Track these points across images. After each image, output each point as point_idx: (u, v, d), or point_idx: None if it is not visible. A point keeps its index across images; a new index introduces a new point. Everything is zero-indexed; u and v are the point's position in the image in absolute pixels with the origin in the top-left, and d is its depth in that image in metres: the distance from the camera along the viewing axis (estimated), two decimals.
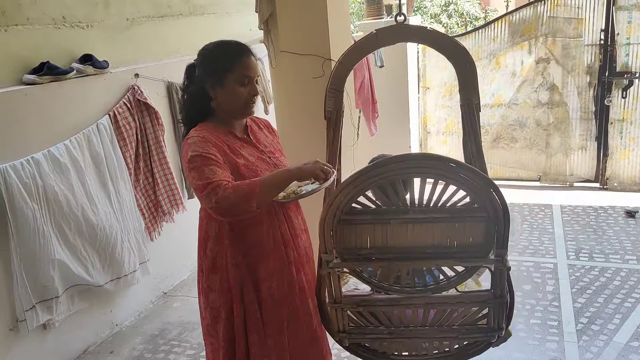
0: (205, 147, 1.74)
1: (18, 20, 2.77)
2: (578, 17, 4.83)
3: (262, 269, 1.88)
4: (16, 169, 2.54)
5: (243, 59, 1.84)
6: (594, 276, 3.41)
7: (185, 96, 1.93)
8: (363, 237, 1.67)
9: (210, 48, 1.89)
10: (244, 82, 1.84)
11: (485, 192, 1.56)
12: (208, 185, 1.65)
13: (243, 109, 1.87)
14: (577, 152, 5.13)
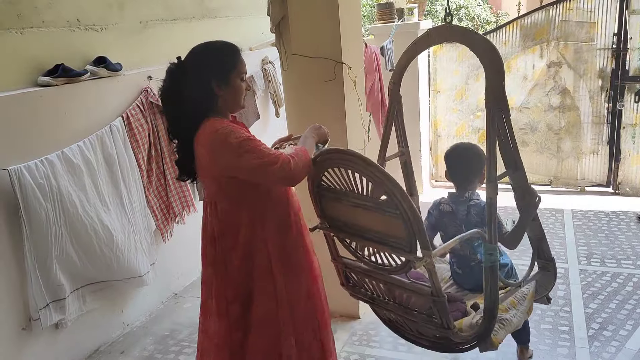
0: (244, 132, 1.91)
1: (34, 23, 2.81)
2: (590, 21, 4.80)
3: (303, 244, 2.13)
4: (30, 170, 2.57)
5: (241, 57, 2.01)
6: (605, 282, 3.38)
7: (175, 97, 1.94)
8: (334, 210, 2.00)
9: (210, 49, 1.99)
10: (243, 78, 2.00)
11: (393, 194, 1.68)
12: (278, 159, 1.84)
13: (242, 103, 2.05)
14: (589, 156, 5.10)
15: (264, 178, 1.89)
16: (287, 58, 3.02)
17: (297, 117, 3.09)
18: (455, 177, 2.42)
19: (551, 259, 2.28)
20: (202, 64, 1.94)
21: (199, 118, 1.94)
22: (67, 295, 2.76)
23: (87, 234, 2.81)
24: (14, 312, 2.63)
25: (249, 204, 2.01)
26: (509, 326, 2.05)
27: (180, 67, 1.95)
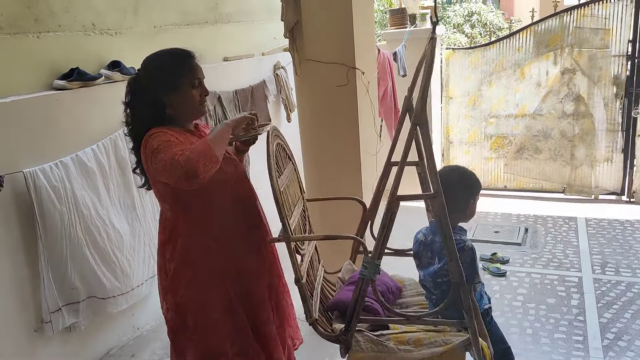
0: (170, 137, 1.84)
1: (50, 27, 2.84)
2: (605, 28, 4.77)
3: (239, 250, 2.01)
4: (45, 172, 2.59)
5: (192, 63, 1.95)
6: (620, 291, 3.33)
7: (133, 109, 1.96)
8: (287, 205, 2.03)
9: (158, 57, 1.97)
10: (195, 85, 1.94)
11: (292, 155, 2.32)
12: (171, 158, 1.73)
13: (198, 110, 1.98)
14: (603, 164, 5.04)
15: (168, 179, 1.80)
16: (300, 63, 3.03)
17: (310, 122, 3.09)
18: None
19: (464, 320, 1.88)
20: (149, 74, 1.94)
21: (148, 126, 1.91)
22: (81, 300, 2.76)
23: (100, 236, 2.82)
24: (26, 314, 2.64)
25: (186, 210, 1.95)
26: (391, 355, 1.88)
27: (136, 78, 1.98)
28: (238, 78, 4.12)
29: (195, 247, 1.96)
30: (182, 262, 1.96)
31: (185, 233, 1.96)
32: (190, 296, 1.98)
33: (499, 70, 5.22)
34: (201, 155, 1.73)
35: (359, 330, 1.94)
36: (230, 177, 2.01)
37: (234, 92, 4.01)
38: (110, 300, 2.91)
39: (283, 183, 2.09)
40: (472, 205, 2.10)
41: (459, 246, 1.92)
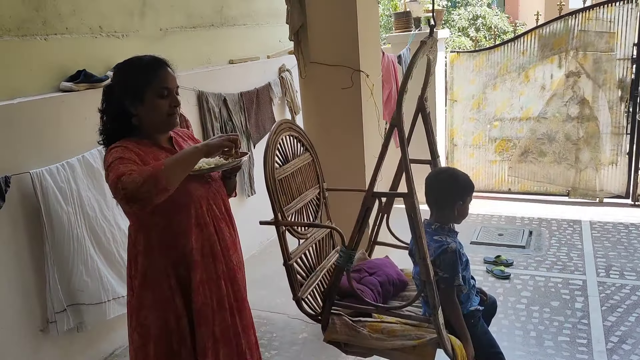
0: (126, 153, 1.73)
1: (57, 30, 2.87)
2: (610, 31, 4.76)
3: (192, 279, 1.85)
4: (52, 173, 2.61)
5: (158, 72, 1.83)
6: (624, 294, 3.33)
7: (105, 117, 1.89)
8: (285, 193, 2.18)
9: (124, 66, 1.87)
10: (163, 94, 1.81)
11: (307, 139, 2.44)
12: (116, 178, 1.62)
13: (167, 121, 1.85)
14: (608, 167, 5.04)
15: (116, 199, 1.68)
16: (305, 65, 3.05)
17: (314, 125, 3.11)
18: (427, 201, 2.17)
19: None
20: (117, 82, 1.86)
21: (115, 138, 1.84)
22: (87, 302, 2.77)
23: (106, 237, 2.84)
24: (32, 314, 2.67)
25: (146, 229, 1.84)
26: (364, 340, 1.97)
27: (109, 85, 1.90)
28: (243, 80, 4.15)
29: (153, 268, 1.84)
30: (143, 282, 1.86)
31: (144, 252, 1.85)
32: (152, 320, 1.85)
33: (503, 74, 5.23)
34: (147, 180, 1.59)
35: (339, 314, 2.03)
36: (196, 199, 1.85)
37: (240, 95, 4.03)
38: (120, 301, 2.92)
39: (286, 171, 2.16)
40: (462, 207, 2.08)
41: (442, 248, 1.96)
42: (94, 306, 2.79)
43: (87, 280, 2.74)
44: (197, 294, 1.86)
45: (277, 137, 2.17)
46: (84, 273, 2.73)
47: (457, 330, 1.96)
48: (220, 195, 1.97)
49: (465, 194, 2.09)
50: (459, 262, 1.98)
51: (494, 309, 2.34)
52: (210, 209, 1.90)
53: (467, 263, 2.11)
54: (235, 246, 1.99)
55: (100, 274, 2.82)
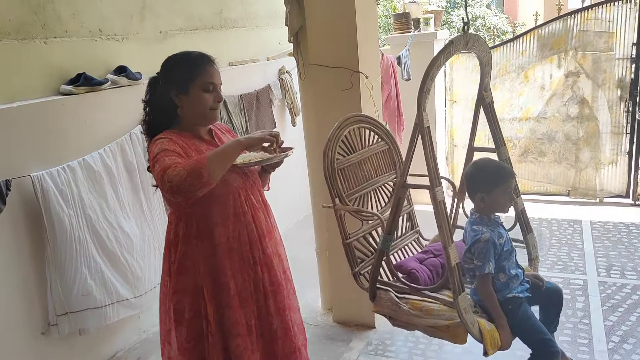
0: (170, 145, 1.83)
1: (57, 33, 2.87)
2: (609, 31, 4.77)
3: (228, 267, 1.95)
4: (52, 176, 2.62)
5: (206, 67, 1.94)
6: (625, 294, 3.33)
7: (149, 107, 2.00)
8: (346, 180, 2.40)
9: (174, 58, 1.98)
10: (208, 89, 1.93)
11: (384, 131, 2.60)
12: (162, 170, 1.72)
13: (209, 115, 1.96)
14: (608, 167, 5.04)
15: (161, 189, 1.79)
16: (305, 67, 3.05)
17: (314, 126, 3.11)
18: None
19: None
20: (164, 73, 1.97)
21: (159, 128, 1.94)
22: (92, 307, 2.76)
23: (109, 239, 2.85)
24: (34, 317, 2.67)
25: (186, 217, 1.94)
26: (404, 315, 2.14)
27: (155, 77, 2.01)
28: (243, 83, 4.15)
29: (189, 254, 1.95)
30: (179, 268, 1.97)
31: (182, 239, 1.96)
32: (185, 304, 1.97)
33: (502, 74, 5.23)
34: (190, 174, 1.68)
35: (387, 290, 2.19)
36: (234, 190, 1.97)
37: (239, 97, 4.03)
38: (124, 303, 2.93)
39: (350, 161, 2.42)
40: (488, 198, 2.09)
41: (476, 237, 2.06)
42: (97, 310, 2.79)
43: (90, 283, 2.75)
44: (234, 279, 1.96)
45: (340, 132, 2.40)
46: (87, 276, 2.74)
47: (492, 316, 2.04)
48: (256, 185, 2.10)
49: (485, 187, 2.10)
50: (491, 251, 2.02)
51: (557, 298, 2.27)
52: (248, 198, 2.01)
53: (510, 253, 2.12)
54: (271, 234, 2.10)
55: (104, 277, 2.82)
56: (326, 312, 3.41)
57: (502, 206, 2.12)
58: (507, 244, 2.12)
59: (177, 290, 1.98)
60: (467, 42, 1.99)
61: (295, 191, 4.56)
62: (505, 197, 2.10)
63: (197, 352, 1.99)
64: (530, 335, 2.08)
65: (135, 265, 2.98)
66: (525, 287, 2.15)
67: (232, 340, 1.96)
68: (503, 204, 2.11)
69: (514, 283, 2.10)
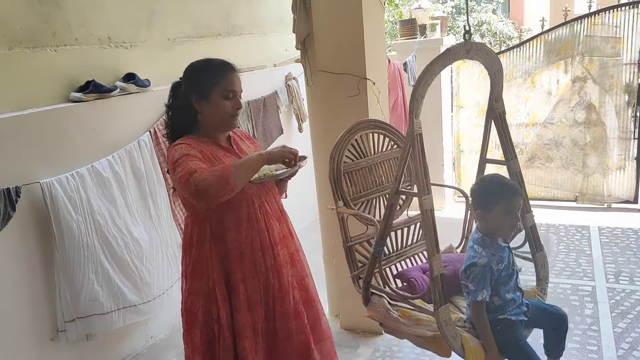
0: (190, 150, 1.88)
1: (67, 41, 2.90)
2: (616, 36, 4.76)
3: (239, 272, 1.99)
4: (61, 183, 2.63)
5: (227, 74, 1.98)
6: (635, 300, 3.31)
7: (171, 112, 2.05)
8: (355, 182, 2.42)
9: (196, 65, 2.03)
10: (228, 96, 1.97)
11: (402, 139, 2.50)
12: (187, 174, 1.76)
13: (228, 121, 2.00)
14: (615, 172, 5.02)
15: (183, 192, 1.86)
16: (312, 74, 3.06)
17: (321, 132, 3.12)
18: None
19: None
20: (186, 78, 2.01)
21: (180, 132, 2.00)
22: (99, 313, 2.77)
23: (118, 245, 2.86)
24: (42, 323, 2.68)
25: (202, 222, 1.99)
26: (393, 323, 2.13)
27: (178, 82, 2.06)
28: (250, 89, 4.17)
29: (202, 259, 1.99)
30: (193, 272, 2.02)
31: (197, 244, 2.00)
32: (198, 307, 2.02)
33: (509, 79, 5.22)
34: (218, 181, 1.75)
35: (381, 296, 2.20)
36: (249, 197, 2.00)
37: (247, 103, 4.05)
38: (132, 309, 2.93)
39: (359, 165, 2.44)
40: (490, 215, 1.98)
41: (472, 261, 1.97)
42: (104, 315, 2.80)
43: (97, 289, 2.76)
44: (244, 284, 1.99)
45: (350, 136, 2.42)
46: (95, 282, 2.75)
47: (481, 336, 1.97)
48: (272, 193, 2.14)
49: (486, 204, 2.00)
50: (487, 278, 1.94)
51: (558, 324, 2.14)
52: (262, 205, 2.04)
53: (509, 277, 2.01)
54: (284, 241, 2.12)
55: (112, 283, 2.83)
56: (333, 319, 3.40)
57: (503, 228, 1.99)
58: (508, 268, 2.01)
59: (192, 293, 2.03)
60: (468, 50, 1.93)
61: (303, 197, 4.56)
62: (508, 217, 1.96)
63: (210, 354, 2.03)
64: (519, 358, 1.99)
65: (144, 271, 2.99)
66: (522, 310, 2.05)
67: (239, 342, 2.00)
68: (505, 225, 1.98)
69: (509, 306, 2.01)
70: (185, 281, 2.06)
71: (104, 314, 2.79)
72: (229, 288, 1.99)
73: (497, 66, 2.08)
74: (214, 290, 1.98)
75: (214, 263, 1.98)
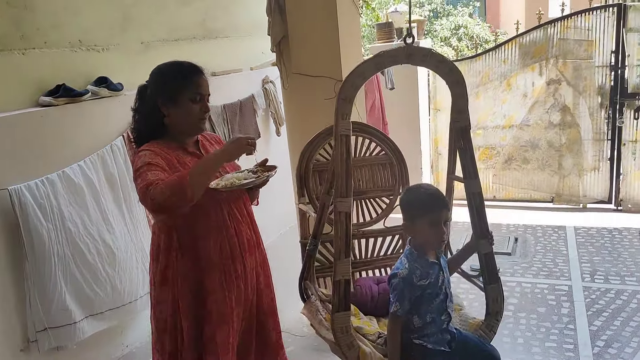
0: (154, 158, 1.82)
1: (36, 44, 2.84)
2: (588, 39, 4.84)
3: (208, 282, 1.93)
4: (30, 189, 2.57)
5: (195, 77, 1.93)
6: (610, 299, 3.35)
7: (137, 115, 1.99)
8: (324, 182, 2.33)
9: (163, 67, 1.97)
10: (196, 99, 1.92)
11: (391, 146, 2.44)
12: (145, 186, 1.71)
13: (196, 125, 1.95)
14: (590, 173, 5.09)
15: (143, 204, 1.79)
16: (288, 76, 3.05)
17: (298, 136, 3.10)
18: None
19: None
20: (152, 81, 1.96)
21: (146, 136, 1.94)
22: (71, 322, 2.71)
23: (90, 253, 2.79)
24: (13, 333, 2.60)
25: (168, 229, 1.93)
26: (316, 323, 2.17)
27: (144, 85, 2.00)
28: (227, 93, 4.14)
29: (169, 267, 1.93)
30: (160, 280, 1.96)
31: (164, 251, 1.94)
32: (166, 315, 1.97)
33: (485, 82, 5.28)
34: (175, 192, 1.67)
35: (317, 297, 2.24)
36: (217, 203, 1.93)
37: (223, 107, 4.02)
38: (100, 317, 2.87)
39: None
40: (412, 226, 1.89)
41: (394, 271, 1.88)
42: (76, 324, 2.74)
43: (68, 298, 2.69)
44: (214, 294, 1.92)
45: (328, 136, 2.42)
46: (66, 291, 2.68)
47: (388, 354, 1.86)
48: (242, 199, 2.05)
49: (409, 214, 1.91)
50: (405, 292, 1.81)
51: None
52: (231, 212, 1.98)
53: (434, 297, 1.86)
54: (253, 248, 2.06)
55: (83, 291, 2.77)
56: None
57: (429, 241, 1.87)
58: (434, 286, 1.85)
59: (159, 302, 1.97)
60: (409, 55, 1.77)
61: (280, 203, 4.53)
62: (432, 230, 1.83)
63: None
64: None
65: (116, 278, 2.93)
66: (445, 339, 1.88)
67: (206, 357, 1.93)
68: (429, 237, 1.85)
69: (428, 329, 1.86)
70: (153, 289, 2.00)
71: (75, 323, 2.72)
72: (197, 299, 1.93)
73: (455, 76, 1.88)
74: (180, 299, 1.92)
75: (179, 272, 1.92)
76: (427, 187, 2.00)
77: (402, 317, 1.83)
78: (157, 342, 2.03)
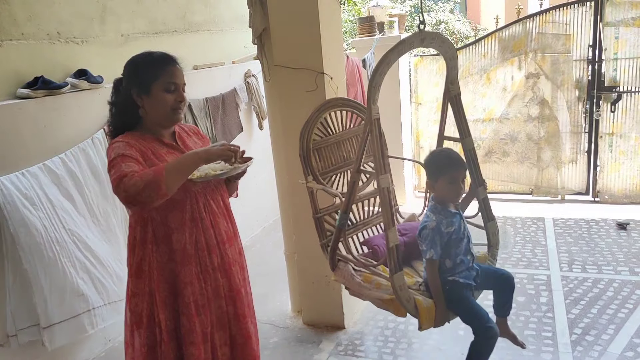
0: (127, 149, 1.81)
1: (13, 35, 2.79)
2: (566, 33, 4.92)
3: (184, 274, 1.92)
4: (12, 181, 2.53)
5: (168, 67, 1.92)
6: (587, 287, 3.42)
7: (114, 108, 1.97)
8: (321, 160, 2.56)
9: (136, 58, 1.96)
10: (170, 89, 1.90)
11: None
12: (118, 178, 1.71)
13: (170, 116, 1.93)
14: (568, 165, 5.18)
15: (116, 196, 1.76)
16: (270, 69, 3.05)
17: (280, 127, 3.10)
18: None
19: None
20: (126, 72, 1.95)
21: (122, 128, 1.93)
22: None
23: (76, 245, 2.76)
24: None
25: (143, 221, 1.92)
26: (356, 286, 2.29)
27: (120, 79, 1.98)
28: (209, 86, 4.12)
29: (145, 260, 1.93)
30: (136, 272, 1.96)
31: (140, 244, 1.94)
32: (142, 308, 1.95)
33: (465, 76, 5.33)
34: (148, 185, 1.68)
35: (346, 262, 2.34)
36: (193, 195, 1.93)
37: (205, 100, 4.00)
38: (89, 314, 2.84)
39: (328, 142, 2.58)
40: (436, 184, 2.18)
41: (424, 224, 2.18)
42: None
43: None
44: (191, 286, 1.92)
45: (319, 115, 2.55)
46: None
47: (432, 293, 2.15)
48: (219, 190, 2.05)
49: (433, 174, 2.20)
50: (436, 239, 2.12)
51: (505, 285, 2.34)
52: (207, 204, 1.97)
53: (460, 241, 2.18)
54: (231, 240, 2.05)
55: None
56: (296, 315, 3.40)
57: (449, 195, 2.19)
58: (458, 232, 2.18)
59: (135, 294, 1.96)
60: (422, 39, 2.05)
61: (262, 196, 4.54)
62: (451, 186, 2.16)
63: (151, 358, 1.97)
64: (466, 314, 2.18)
65: (104, 274, 2.90)
66: (472, 275, 2.23)
67: (186, 348, 1.93)
68: (449, 193, 2.18)
69: (459, 268, 2.19)
70: (130, 281, 1.98)
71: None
72: (174, 291, 1.92)
73: (452, 52, 2.21)
74: (157, 292, 1.91)
75: (155, 264, 1.91)
76: (448, 150, 2.29)
77: (436, 261, 2.14)
78: (131, 337, 2.00)
